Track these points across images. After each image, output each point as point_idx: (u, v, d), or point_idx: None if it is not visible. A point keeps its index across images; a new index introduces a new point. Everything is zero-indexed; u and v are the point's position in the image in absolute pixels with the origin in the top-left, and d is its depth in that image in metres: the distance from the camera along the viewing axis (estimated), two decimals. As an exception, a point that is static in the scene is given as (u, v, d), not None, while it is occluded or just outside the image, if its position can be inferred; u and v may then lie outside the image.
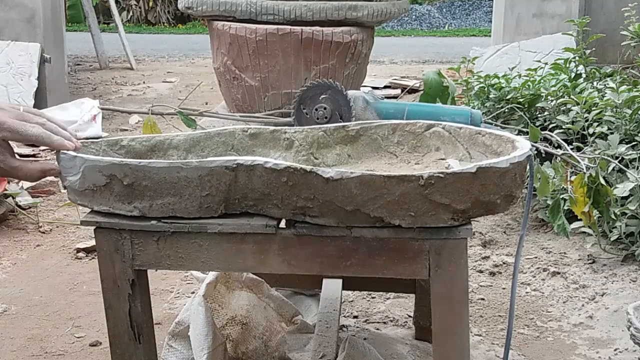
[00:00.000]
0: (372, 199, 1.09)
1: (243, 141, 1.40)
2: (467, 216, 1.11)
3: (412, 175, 1.07)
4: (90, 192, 1.16)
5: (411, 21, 15.42)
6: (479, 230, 3.07)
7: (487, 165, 1.08)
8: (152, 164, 1.13)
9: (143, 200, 1.14)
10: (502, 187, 1.10)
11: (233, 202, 1.16)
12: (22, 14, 5.39)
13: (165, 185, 1.13)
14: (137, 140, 1.35)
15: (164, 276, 2.67)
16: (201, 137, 1.38)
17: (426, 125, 1.40)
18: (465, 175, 1.07)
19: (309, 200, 1.11)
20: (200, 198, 1.14)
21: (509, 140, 1.24)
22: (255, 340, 1.87)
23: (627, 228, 2.60)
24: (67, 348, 2.17)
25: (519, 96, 3.45)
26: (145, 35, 13.22)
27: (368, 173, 1.08)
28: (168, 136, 1.37)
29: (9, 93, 5.19)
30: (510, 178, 1.11)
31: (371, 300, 2.46)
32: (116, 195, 1.15)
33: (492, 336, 2.22)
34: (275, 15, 1.89)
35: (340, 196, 1.09)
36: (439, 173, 1.07)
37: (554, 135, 1.76)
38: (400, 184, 1.07)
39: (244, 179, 1.14)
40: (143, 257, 1.18)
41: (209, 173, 1.13)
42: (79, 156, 1.15)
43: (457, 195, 1.08)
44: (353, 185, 1.08)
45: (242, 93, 1.98)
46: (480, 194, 1.09)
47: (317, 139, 1.41)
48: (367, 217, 1.10)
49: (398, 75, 7.52)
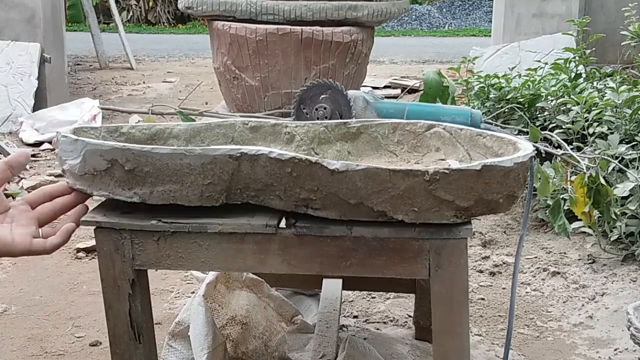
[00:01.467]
0: (376, 193, 1.08)
1: (243, 134, 1.40)
2: (469, 214, 1.11)
3: (418, 170, 1.07)
4: (90, 176, 1.14)
5: (411, 21, 15.43)
6: (479, 230, 3.07)
7: (492, 163, 1.09)
8: (155, 150, 1.12)
9: (144, 187, 1.13)
10: (506, 186, 1.10)
11: (235, 191, 1.16)
12: (22, 14, 5.39)
13: (167, 172, 1.12)
14: (137, 128, 1.34)
15: (164, 276, 2.67)
16: (201, 128, 1.38)
17: (427, 125, 1.40)
18: (470, 172, 1.08)
19: (313, 192, 1.11)
20: (202, 186, 1.13)
21: (510, 142, 1.24)
22: (255, 340, 1.87)
23: (627, 228, 2.60)
24: (67, 348, 2.17)
25: (519, 96, 3.46)
26: (145, 35, 13.23)
27: (374, 166, 1.08)
28: (169, 125, 1.37)
29: (9, 93, 5.19)
30: (514, 178, 1.11)
31: (371, 300, 2.46)
32: (116, 180, 1.14)
33: (492, 336, 2.22)
34: (275, 15, 1.89)
35: (344, 189, 1.09)
36: (444, 169, 1.07)
37: (554, 135, 1.76)
38: (405, 178, 1.07)
39: (247, 169, 1.13)
40: (143, 257, 1.18)
41: (212, 161, 1.12)
42: (80, 139, 1.14)
43: (461, 192, 1.08)
44: (358, 178, 1.08)
45: (242, 93, 1.98)
46: (484, 192, 1.09)
47: (318, 134, 1.41)
48: (370, 211, 1.10)
49: (398, 75, 7.52)
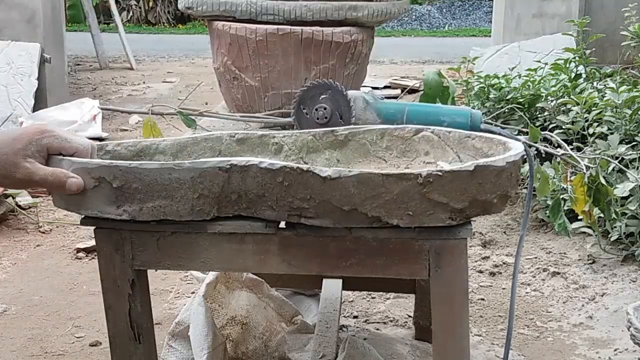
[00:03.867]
0: (369, 198, 1.08)
1: (230, 146, 1.38)
2: (464, 216, 1.11)
3: (411, 173, 1.07)
4: (79, 196, 1.12)
5: (411, 21, 15.42)
6: (479, 230, 3.07)
7: (485, 163, 1.08)
8: (143, 166, 1.10)
9: (133, 204, 1.12)
10: (499, 186, 1.10)
11: (226, 204, 1.14)
12: (22, 14, 5.39)
13: (156, 188, 1.11)
14: (122, 145, 1.32)
15: (164, 276, 2.67)
16: (188, 142, 1.37)
17: (415, 129, 1.39)
18: (463, 173, 1.07)
19: (305, 200, 1.10)
20: (192, 200, 1.12)
21: (500, 143, 1.23)
22: (255, 340, 1.87)
23: (627, 228, 2.60)
24: (67, 348, 2.17)
25: (519, 96, 3.45)
26: (145, 35, 13.21)
27: (366, 171, 1.07)
28: (154, 141, 1.35)
29: (9, 93, 5.18)
30: (506, 177, 1.11)
31: (371, 300, 2.46)
32: (105, 198, 1.12)
33: (492, 336, 2.22)
34: (275, 15, 1.89)
35: (337, 195, 1.08)
36: (438, 171, 1.06)
37: (554, 135, 1.76)
38: (398, 182, 1.06)
39: (237, 181, 1.12)
40: (143, 257, 1.18)
41: (202, 174, 1.11)
42: (67, 159, 1.12)
43: (455, 194, 1.08)
44: (351, 184, 1.07)
45: (242, 93, 1.98)
46: (478, 193, 1.09)
47: (306, 143, 1.40)
48: (364, 217, 1.09)
49: (398, 76, 7.52)
